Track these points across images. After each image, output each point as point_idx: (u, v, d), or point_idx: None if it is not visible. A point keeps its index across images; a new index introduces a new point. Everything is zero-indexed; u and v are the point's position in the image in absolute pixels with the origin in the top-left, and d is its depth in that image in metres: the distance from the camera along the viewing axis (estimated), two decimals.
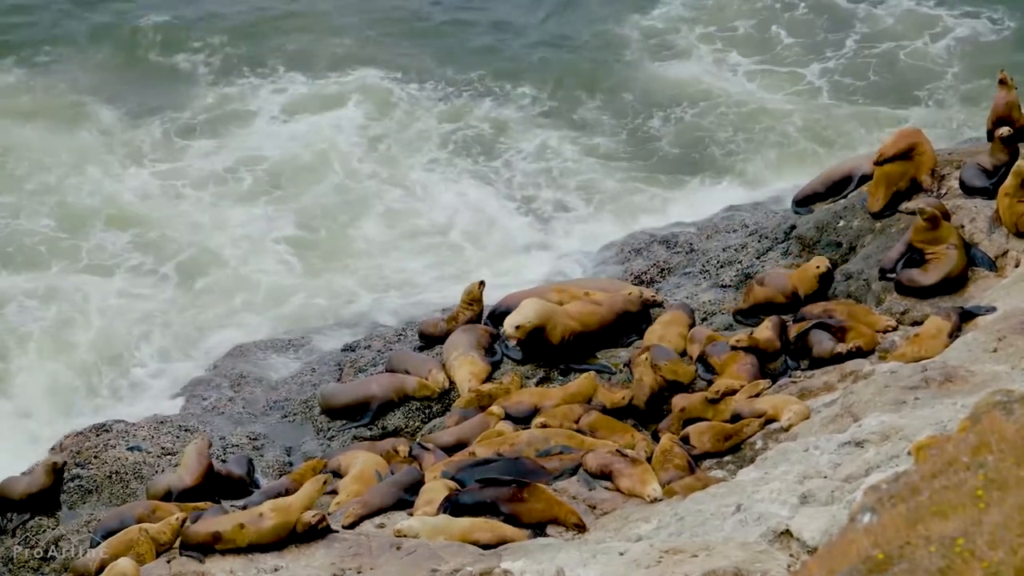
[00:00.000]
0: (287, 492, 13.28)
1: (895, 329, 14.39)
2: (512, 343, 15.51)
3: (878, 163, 15.82)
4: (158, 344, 17.99)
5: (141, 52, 24.71)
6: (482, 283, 16.48)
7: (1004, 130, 15.44)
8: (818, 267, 15.31)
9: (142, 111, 22.99)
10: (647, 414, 14.30)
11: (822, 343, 14.23)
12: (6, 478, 14.55)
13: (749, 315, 15.55)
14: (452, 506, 12.44)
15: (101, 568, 12.20)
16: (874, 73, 23.54)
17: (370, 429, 15.43)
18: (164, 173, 21.61)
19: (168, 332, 18.21)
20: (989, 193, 15.33)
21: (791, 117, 22.43)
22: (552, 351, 15.45)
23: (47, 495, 14.28)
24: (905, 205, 15.60)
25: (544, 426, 14.01)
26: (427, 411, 15.47)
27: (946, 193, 15.71)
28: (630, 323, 15.85)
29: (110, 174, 21.45)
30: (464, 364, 15.54)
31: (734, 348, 14.49)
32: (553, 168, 21.56)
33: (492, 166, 21.72)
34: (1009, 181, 14.81)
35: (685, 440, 13.35)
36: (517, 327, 15.21)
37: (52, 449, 15.43)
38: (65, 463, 14.48)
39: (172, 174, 21.59)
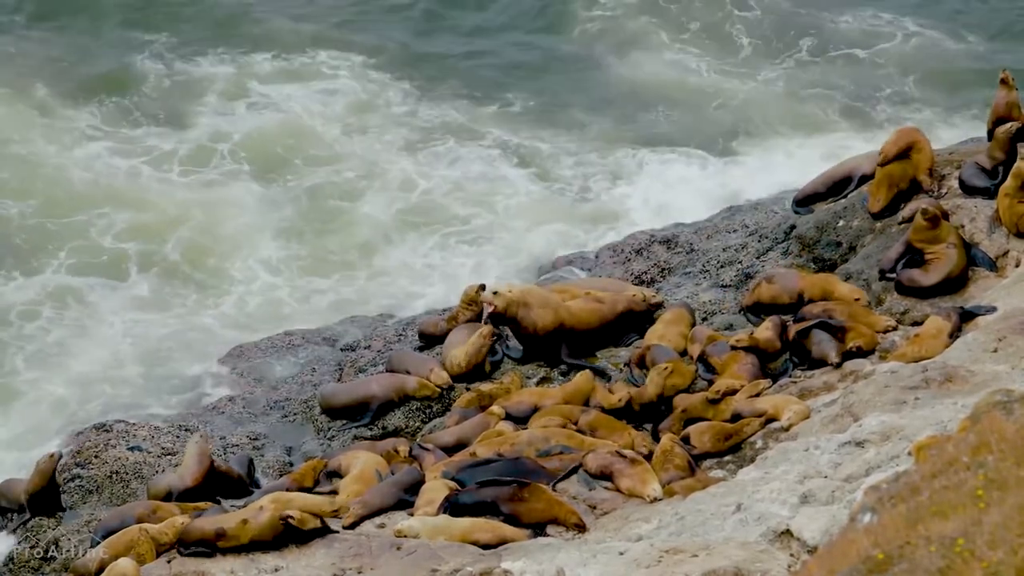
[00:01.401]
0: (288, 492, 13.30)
1: (895, 329, 14.38)
2: (489, 310, 15.48)
3: (882, 164, 15.81)
4: (158, 344, 17.96)
5: (94, 27, 24.47)
6: (481, 286, 16.47)
7: (1012, 126, 15.40)
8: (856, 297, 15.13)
9: (101, 94, 22.76)
10: (645, 416, 14.30)
11: (822, 346, 14.21)
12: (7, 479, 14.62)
13: (754, 311, 15.49)
14: (452, 506, 12.44)
15: (101, 568, 12.21)
16: (868, 71, 23.62)
17: (370, 429, 15.42)
18: (135, 156, 21.37)
19: (167, 332, 18.18)
20: (989, 193, 15.32)
21: (781, 111, 22.49)
22: (537, 343, 15.43)
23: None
24: (903, 214, 15.58)
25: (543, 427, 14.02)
26: (427, 411, 15.46)
27: (946, 193, 15.70)
28: (632, 323, 15.86)
29: (95, 160, 21.31)
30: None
31: (734, 348, 14.48)
32: (546, 165, 21.54)
33: (485, 160, 21.68)
34: (1009, 182, 14.81)
35: (685, 440, 13.35)
36: (496, 293, 15.27)
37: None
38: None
39: (146, 158, 21.36)
